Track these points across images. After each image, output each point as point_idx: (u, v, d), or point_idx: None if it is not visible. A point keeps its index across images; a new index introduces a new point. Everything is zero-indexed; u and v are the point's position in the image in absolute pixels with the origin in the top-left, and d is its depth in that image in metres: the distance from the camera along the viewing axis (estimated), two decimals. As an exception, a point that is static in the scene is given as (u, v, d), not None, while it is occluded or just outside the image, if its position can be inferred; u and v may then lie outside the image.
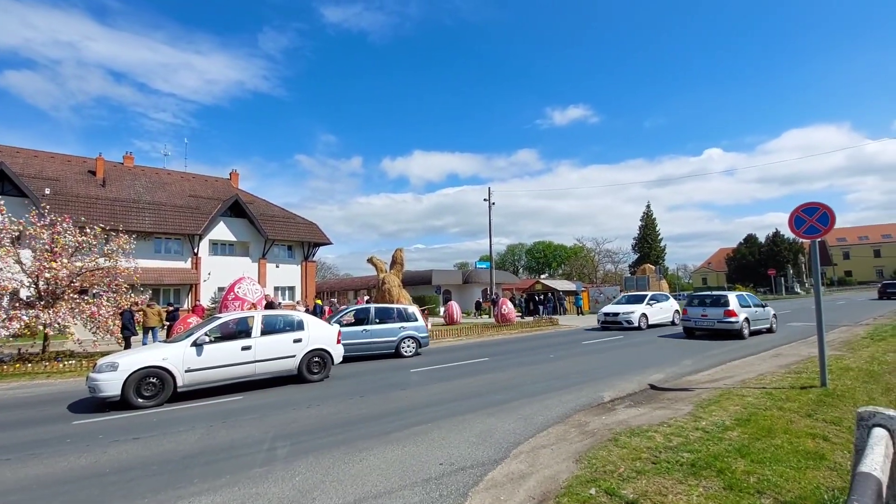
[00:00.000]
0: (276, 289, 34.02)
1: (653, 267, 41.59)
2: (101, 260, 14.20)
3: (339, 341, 10.33)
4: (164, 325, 16.40)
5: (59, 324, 12.94)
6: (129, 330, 14.08)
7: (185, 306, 28.46)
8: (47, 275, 13.04)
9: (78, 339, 13.89)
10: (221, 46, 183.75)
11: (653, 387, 8.12)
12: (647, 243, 70.93)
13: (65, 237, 13.64)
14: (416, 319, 14.04)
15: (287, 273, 35.89)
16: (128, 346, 13.87)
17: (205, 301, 28.67)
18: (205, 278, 30.55)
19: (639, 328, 18.47)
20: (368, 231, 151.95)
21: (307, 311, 18.94)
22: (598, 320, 20.33)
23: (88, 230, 14.05)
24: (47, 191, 24.55)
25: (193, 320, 15.20)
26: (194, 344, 8.39)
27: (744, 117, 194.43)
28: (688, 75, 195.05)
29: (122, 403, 7.61)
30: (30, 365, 12.08)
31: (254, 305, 17.12)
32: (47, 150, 31.52)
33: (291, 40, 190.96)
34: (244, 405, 7.79)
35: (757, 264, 64.24)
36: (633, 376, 9.07)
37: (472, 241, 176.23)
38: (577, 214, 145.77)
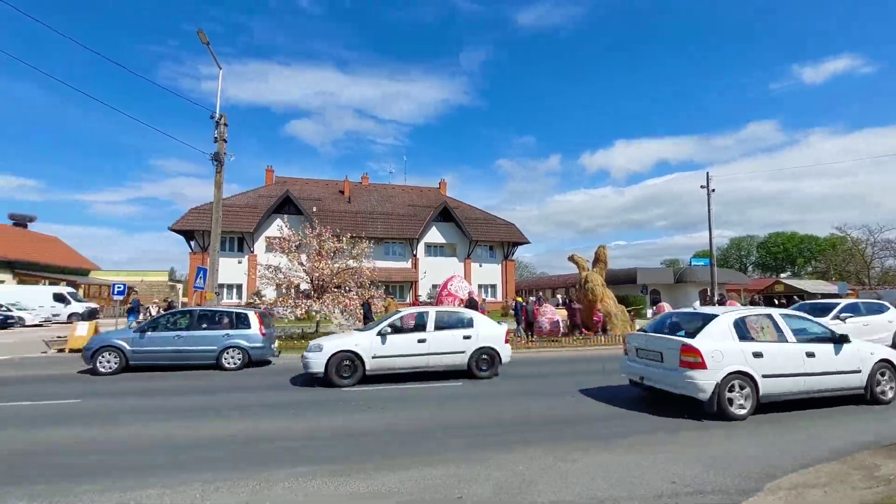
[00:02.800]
0: (480, 286, 36.54)
1: (976, 263, 29.46)
2: (351, 262, 17.77)
3: (507, 341, 10.27)
4: None
5: (325, 310, 16.69)
6: (368, 318, 17.16)
7: (407, 300, 33.10)
8: (321, 273, 17.00)
9: (340, 323, 17.63)
10: (428, 72, 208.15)
11: None
12: (964, 230, 50.77)
13: (328, 244, 17.54)
14: (249, 326, 11.87)
15: (489, 272, 38.25)
16: (369, 331, 16.97)
17: (422, 296, 32.82)
18: (421, 276, 35.02)
19: None
20: (564, 229, 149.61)
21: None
22: None
23: (343, 238, 17.75)
24: (314, 209, 31.82)
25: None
26: (379, 334, 9.47)
27: None
28: None
29: (324, 380, 9.02)
30: (304, 341, 15.88)
31: (462, 301, 18.80)
32: (313, 178, 41.00)
33: (488, 53, 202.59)
34: (426, 394, 8.54)
35: None
36: (951, 414, 6.62)
37: (683, 234, 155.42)
38: (836, 196, 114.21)
